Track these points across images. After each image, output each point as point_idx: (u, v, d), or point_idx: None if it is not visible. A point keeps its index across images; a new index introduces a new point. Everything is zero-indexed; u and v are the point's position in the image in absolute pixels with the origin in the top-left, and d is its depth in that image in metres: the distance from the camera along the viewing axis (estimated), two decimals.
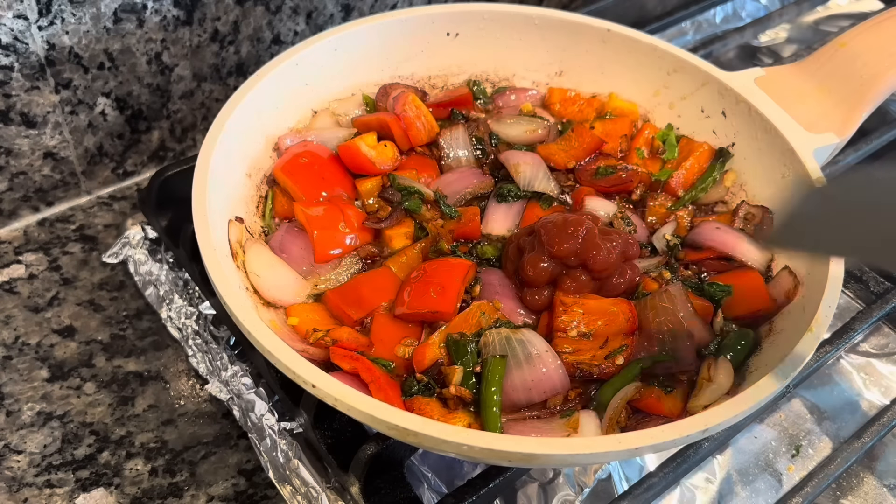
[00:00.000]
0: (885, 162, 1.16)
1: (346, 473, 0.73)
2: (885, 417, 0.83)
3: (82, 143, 1.03)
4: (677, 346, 0.76)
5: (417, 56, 1.04)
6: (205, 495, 0.80)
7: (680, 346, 0.76)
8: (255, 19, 1.09)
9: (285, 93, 0.94)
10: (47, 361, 0.89)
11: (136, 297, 0.96)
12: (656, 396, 0.74)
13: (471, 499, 0.71)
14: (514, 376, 0.72)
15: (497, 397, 0.71)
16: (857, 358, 0.93)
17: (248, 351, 0.86)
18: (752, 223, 0.89)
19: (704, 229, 0.88)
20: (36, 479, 0.80)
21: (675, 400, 0.74)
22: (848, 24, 1.37)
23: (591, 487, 0.78)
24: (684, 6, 1.38)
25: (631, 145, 0.99)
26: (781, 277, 0.83)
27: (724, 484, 0.82)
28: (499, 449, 0.61)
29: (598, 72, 1.04)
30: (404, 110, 0.94)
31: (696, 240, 0.88)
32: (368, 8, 1.21)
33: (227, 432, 0.85)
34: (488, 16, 1.03)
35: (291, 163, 0.89)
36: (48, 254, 1.00)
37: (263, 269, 0.80)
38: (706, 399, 0.72)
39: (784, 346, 0.74)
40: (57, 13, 0.91)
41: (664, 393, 0.74)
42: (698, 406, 0.72)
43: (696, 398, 0.73)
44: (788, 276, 0.82)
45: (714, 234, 0.88)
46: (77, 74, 0.97)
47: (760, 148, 0.92)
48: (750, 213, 0.90)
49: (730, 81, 0.95)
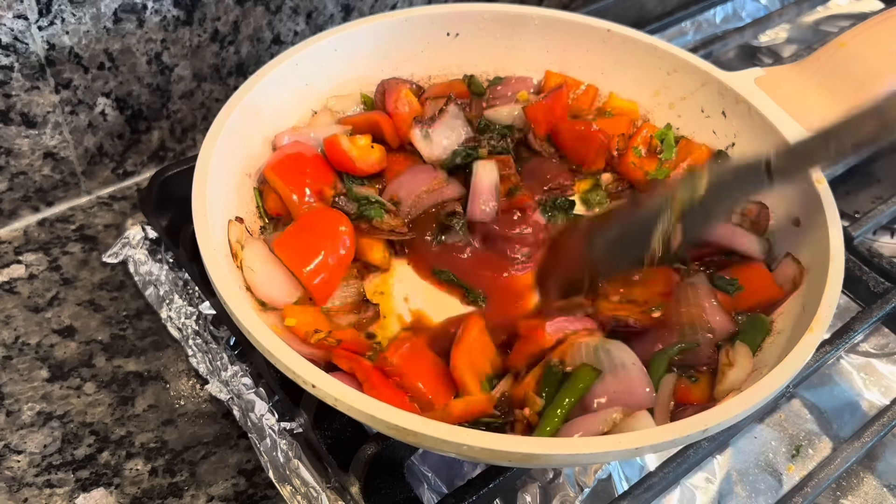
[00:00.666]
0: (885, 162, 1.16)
1: (346, 473, 0.73)
2: (885, 417, 0.83)
3: (82, 143, 1.03)
4: (697, 339, 0.77)
5: (417, 56, 1.04)
6: (205, 495, 0.80)
7: (701, 340, 0.77)
8: (255, 19, 1.09)
9: (285, 93, 0.94)
10: (47, 361, 0.89)
11: (136, 297, 0.96)
12: (686, 386, 0.75)
13: (471, 499, 0.71)
14: (597, 387, 0.72)
15: (568, 405, 0.71)
16: (857, 358, 0.93)
17: (248, 351, 0.86)
18: (748, 218, 0.90)
19: None
20: (36, 479, 0.80)
21: (703, 388, 0.75)
22: (848, 24, 1.37)
23: (591, 487, 0.78)
24: (684, 6, 1.38)
25: (629, 144, 0.99)
26: (785, 265, 0.84)
27: (724, 484, 0.82)
28: (499, 449, 0.61)
29: (599, 72, 1.04)
30: (395, 107, 0.95)
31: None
32: (368, 8, 1.21)
33: (227, 432, 0.85)
34: (488, 16, 1.03)
35: (280, 161, 0.89)
36: (48, 254, 1.00)
37: (258, 266, 0.80)
38: (730, 383, 0.74)
39: (784, 346, 0.74)
40: (57, 13, 0.91)
41: (691, 382, 0.76)
42: (723, 391, 0.74)
43: (720, 384, 0.75)
44: (792, 263, 0.83)
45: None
46: (77, 74, 0.97)
47: (760, 148, 0.92)
48: (747, 209, 0.90)
49: (730, 81, 0.95)
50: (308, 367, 0.65)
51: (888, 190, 1.14)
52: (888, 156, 1.15)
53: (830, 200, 0.82)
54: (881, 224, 1.04)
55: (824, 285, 0.74)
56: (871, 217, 1.00)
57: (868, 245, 0.98)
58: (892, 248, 1.06)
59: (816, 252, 0.80)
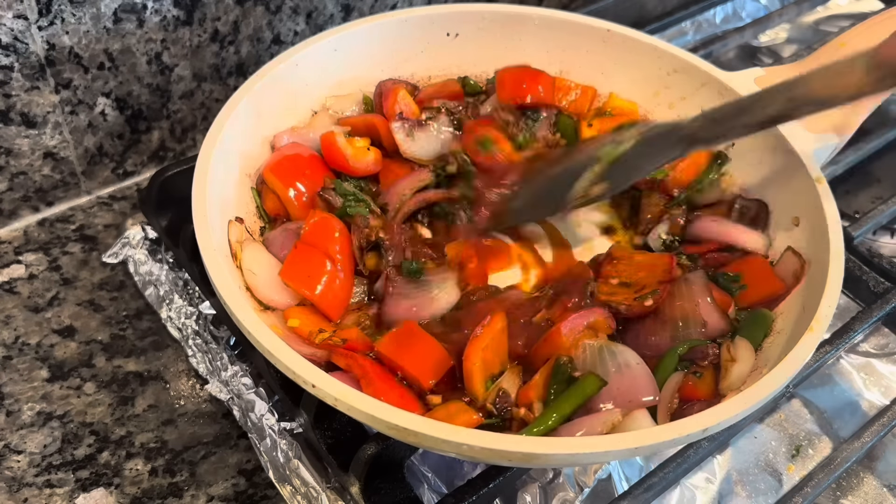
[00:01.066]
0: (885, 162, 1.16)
1: (346, 473, 0.73)
2: (885, 417, 0.83)
3: (82, 143, 1.03)
4: (689, 333, 0.78)
5: (417, 56, 1.04)
6: (205, 495, 0.80)
7: (693, 335, 0.78)
8: (255, 19, 1.09)
9: (285, 93, 0.94)
10: (47, 361, 0.89)
11: (136, 297, 0.96)
12: (692, 383, 0.75)
13: (471, 499, 0.71)
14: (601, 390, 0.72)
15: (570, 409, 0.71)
16: (857, 358, 0.93)
17: (248, 351, 0.86)
18: (747, 216, 0.90)
19: (703, 223, 0.90)
20: (36, 479, 0.80)
21: (708, 384, 0.75)
22: (848, 24, 1.37)
23: (591, 487, 0.78)
24: (684, 6, 1.38)
25: None
26: (786, 259, 0.84)
27: (724, 484, 0.82)
28: (499, 449, 0.61)
29: (599, 72, 1.04)
30: (392, 110, 0.95)
31: (696, 233, 0.89)
32: (368, 8, 1.21)
33: (227, 432, 0.85)
34: (488, 16, 1.03)
35: (278, 162, 0.89)
36: (48, 254, 1.00)
37: (258, 268, 0.80)
38: (735, 378, 0.74)
39: (784, 345, 0.74)
40: (57, 13, 0.91)
41: (696, 378, 0.76)
42: (728, 387, 0.74)
43: (724, 380, 0.75)
44: (793, 257, 0.83)
45: (712, 226, 0.90)
46: (77, 74, 0.97)
47: (760, 148, 0.92)
48: (745, 207, 0.91)
49: (730, 81, 0.95)
50: (308, 367, 0.65)
51: (888, 190, 1.14)
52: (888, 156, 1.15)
53: (830, 200, 0.82)
54: (881, 224, 1.04)
55: (824, 285, 0.74)
56: (871, 217, 1.00)
57: (868, 245, 0.98)
58: (892, 248, 1.06)
59: (816, 252, 0.80)
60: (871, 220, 0.99)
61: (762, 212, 0.89)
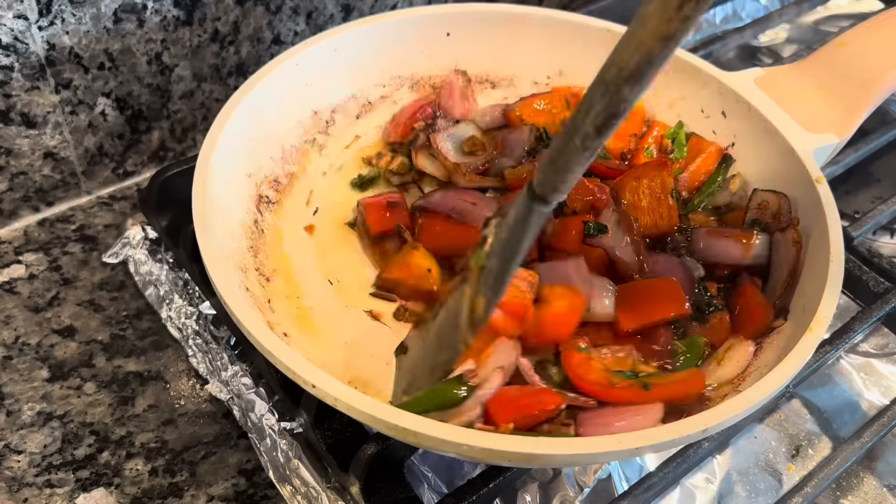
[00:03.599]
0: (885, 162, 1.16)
1: (346, 473, 0.73)
2: (885, 417, 0.83)
3: (82, 143, 1.03)
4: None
5: (417, 56, 1.04)
6: (205, 495, 0.80)
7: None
8: (255, 19, 1.09)
9: (285, 93, 0.94)
10: (47, 361, 0.89)
11: (136, 297, 0.96)
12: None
13: (471, 499, 0.71)
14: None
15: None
16: (857, 358, 0.93)
17: (248, 351, 0.86)
18: (767, 211, 0.86)
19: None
20: (36, 479, 0.80)
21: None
22: (848, 24, 1.37)
23: (591, 487, 0.78)
24: None
25: (639, 145, 0.98)
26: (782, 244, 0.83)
27: (724, 484, 0.82)
28: (499, 449, 0.61)
29: None
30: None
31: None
32: (368, 8, 1.21)
33: (227, 432, 0.85)
34: (488, 16, 1.03)
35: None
36: (48, 254, 1.00)
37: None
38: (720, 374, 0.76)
39: (784, 346, 0.74)
40: (57, 13, 0.91)
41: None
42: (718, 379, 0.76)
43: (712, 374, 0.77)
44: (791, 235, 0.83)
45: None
46: (77, 74, 0.97)
47: (760, 148, 0.92)
48: (765, 201, 0.87)
49: (730, 81, 0.95)
50: (308, 367, 0.65)
51: (888, 190, 1.14)
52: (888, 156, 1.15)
53: (830, 200, 0.82)
54: (881, 224, 1.04)
55: (824, 285, 0.74)
56: (871, 217, 1.00)
57: (868, 245, 0.98)
58: (892, 248, 1.06)
59: (816, 252, 0.80)
60: (871, 220, 0.99)
61: (783, 204, 0.86)
